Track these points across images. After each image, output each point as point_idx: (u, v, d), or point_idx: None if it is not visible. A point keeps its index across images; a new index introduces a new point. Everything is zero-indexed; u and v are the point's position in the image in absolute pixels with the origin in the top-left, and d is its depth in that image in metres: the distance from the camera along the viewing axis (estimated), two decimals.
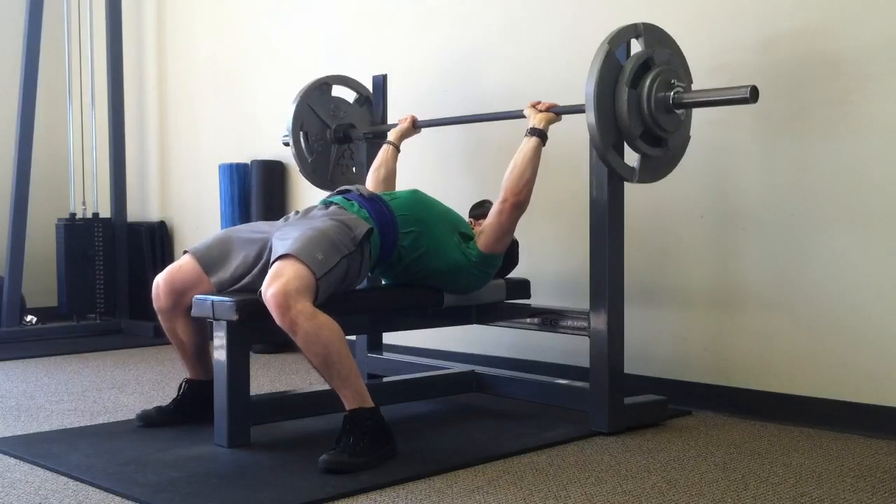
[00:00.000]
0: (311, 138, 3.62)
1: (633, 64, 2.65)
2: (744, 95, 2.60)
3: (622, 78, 2.63)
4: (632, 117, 2.64)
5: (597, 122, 2.60)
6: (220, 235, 2.90)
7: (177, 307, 2.84)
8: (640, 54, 2.68)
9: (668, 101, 2.68)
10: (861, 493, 2.26)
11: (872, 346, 2.86)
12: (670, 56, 2.74)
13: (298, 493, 2.24)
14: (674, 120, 2.73)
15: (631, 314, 3.02)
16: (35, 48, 5.20)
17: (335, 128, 3.67)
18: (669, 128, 2.72)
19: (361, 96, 3.78)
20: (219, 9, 5.19)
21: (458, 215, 3.05)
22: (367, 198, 2.88)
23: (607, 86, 2.62)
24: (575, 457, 2.59)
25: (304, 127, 3.61)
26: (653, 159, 2.77)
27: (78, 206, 5.52)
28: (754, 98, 2.60)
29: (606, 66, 2.61)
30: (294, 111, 3.59)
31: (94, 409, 3.26)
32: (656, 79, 2.67)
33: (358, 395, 2.51)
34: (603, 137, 2.62)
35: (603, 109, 2.62)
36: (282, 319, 2.44)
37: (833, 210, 2.93)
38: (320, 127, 3.66)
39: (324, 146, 3.67)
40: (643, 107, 2.66)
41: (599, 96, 2.61)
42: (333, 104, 3.70)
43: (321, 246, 2.58)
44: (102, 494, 2.26)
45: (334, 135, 3.66)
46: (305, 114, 3.62)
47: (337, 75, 3.78)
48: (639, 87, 2.66)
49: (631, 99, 2.64)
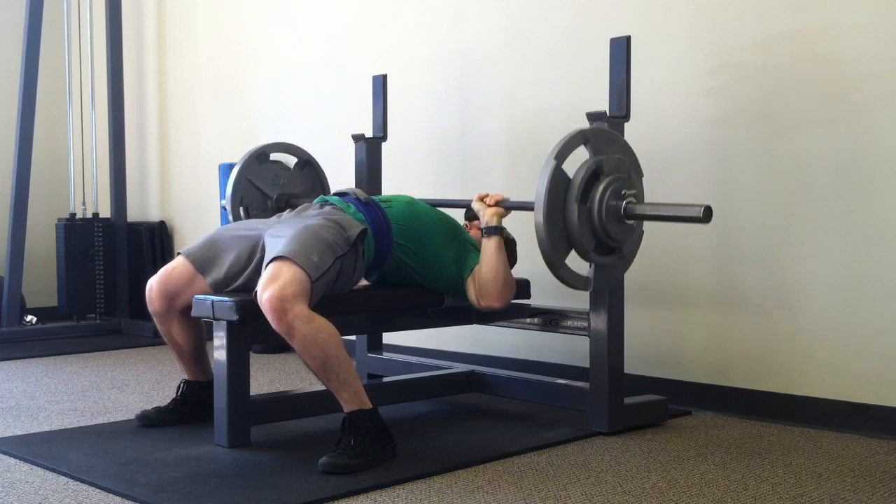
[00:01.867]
0: (252, 211, 3.54)
1: (582, 177, 2.55)
2: (697, 214, 2.46)
3: (571, 193, 2.54)
4: (583, 232, 2.56)
5: (548, 240, 2.52)
6: (212, 235, 2.90)
7: (171, 309, 2.84)
8: (589, 164, 2.57)
9: (619, 212, 2.58)
10: (861, 493, 2.26)
11: (872, 347, 2.86)
12: (619, 161, 2.63)
13: (298, 493, 2.24)
14: (625, 229, 2.63)
15: (631, 314, 3.02)
16: (35, 48, 5.19)
17: (276, 197, 3.59)
18: (621, 238, 2.63)
19: (301, 160, 3.70)
20: (219, 9, 5.19)
21: (452, 221, 3.04)
22: (364, 202, 2.88)
23: (557, 202, 2.53)
24: (575, 457, 2.59)
25: (244, 201, 3.52)
26: (606, 267, 2.68)
27: (78, 206, 5.52)
28: (707, 218, 2.45)
29: (555, 181, 2.52)
30: (232, 185, 3.50)
31: (94, 409, 3.26)
32: (607, 189, 2.56)
33: (356, 396, 2.50)
34: (556, 253, 2.54)
35: (554, 228, 2.53)
36: (278, 324, 2.43)
37: (833, 210, 2.93)
38: (260, 198, 3.58)
39: (266, 216, 3.52)
40: (594, 220, 2.57)
41: (549, 214, 2.51)
42: (273, 172, 3.61)
43: (316, 247, 2.58)
44: (102, 494, 2.26)
45: (275, 205, 3.56)
46: (244, 187, 3.52)
47: (274, 143, 3.68)
48: (589, 200, 2.56)
49: (581, 215, 2.55)
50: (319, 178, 3.73)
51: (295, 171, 3.69)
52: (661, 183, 3.27)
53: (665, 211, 2.63)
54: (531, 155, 3.52)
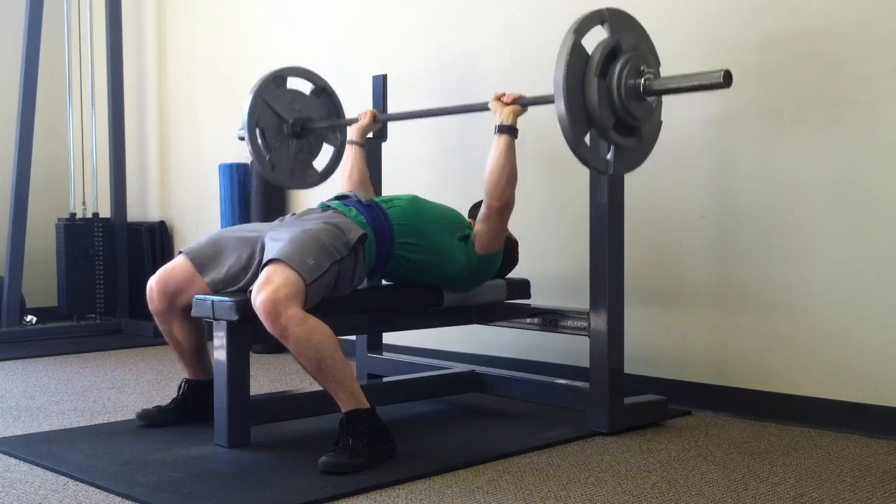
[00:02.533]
0: (267, 134, 3.49)
1: (601, 53, 2.53)
2: (717, 80, 2.47)
3: (590, 68, 2.52)
4: (602, 108, 2.53)
5: (568, 115, 2.48)
6: (214, 236, 2.90)
7: (171, 308, 2.84)
8: (607, 42, 2.56)
9: (638, 89, 2.56)
10: (861, 493, 2.26)
11: (872, 347, 2.86)
12: (637, 41, 2.63)
13: (298, 493, 2.24)
14: (645, 107, 2.62)
15: (631, 314, 3.02)
16: (35, 48, 5.19)
17: (292, 122, 3.53)
18: (641, 116, 2.62)
19: (318, 87, 3.67)
20: (219, 9, 5.19)
21: (456, 215, 3.04)
22: (365, 204, 2.88)
23: (576, 77, 2.50)
24: (575, 457, 2.59)
25: (259, 123, 3.46)
26: (626, 150, 2.67)
27: (78, 206, 5.52)
28: (728, 82, 2.46)
29: (573, 56, 2.49)
30: (248, 106, 3.44)
31: (94, 409, 3.26)
32: (625, 66, 2.55)
33: (353, 396, 2.50)
34: (574, 130, 2.51)
35: (573, 102, 2.50)
36: (272, 326, 2.43)
37: (833, 210, 2.93)
38: (277, 122, 3.51)
39: (281, 141, 3.54)
40: (614, 96, 2.55)
41: (569, 89, 2.48)
42: (289, 97, 3.55)
43: (312, 250, 2.57)
44: (102, 494, 2.26)
45: (291, 129, 3.52)
46: (261, 109, 3.46)
47: (291, 67, 3.66)
48: (608, 76, 2.54)
49: (601, 90, 2.52)
50: (335, 106, 3.70)
51: (311, 98, 3.66)
52: (661, 183, 3.28)
53: (685, 82, 2.59)
54: (531, 155, 3.51)
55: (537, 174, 3.58)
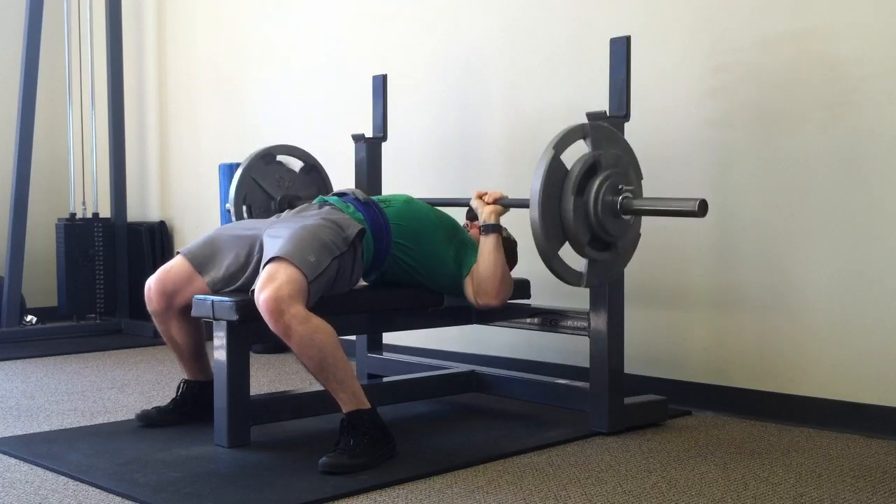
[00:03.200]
0: (254, 211, 3.52)
1: (580, 169, 2.54)
2: (692, 209, 2.47)
3: (568, 185, 2.53)
4: (578, 225, 2.54)
5: (542, 230, 2.50)
6: (211, 234, 2.90)
7: (170, 309, 2.84)
8: (587, 158, 2.56)
9: (615, 207, 2.58)
10: (861, 493, 2.26)
11: (872, 347, 2.86)
12: (618, 157, 2.62)
13: (298, 493, 2.24)
14: (621, 225, 2.62)
15: (631, 314, 3.02)
16: (35, 48, 5.19)
17: (280, 199, 3.56)
18: (617, 233, 2.62)
19: (307, 165, 3.69)
20: (219, 9, 5.19)
21: (451, 221, 3.03)
22: (363, 202, 2.88)
23: (553, 193, 2.52)
24: (575, 457, 2.59)
25: (247, 200, 3.50)
26: (601, 263, 2.67)
27: (78, 206, 5.52)
28: (702, 212, 2.46)
29: (552, 171, 2.50)
30: (237, 183, 3.48)
31: (94, 409, 3.26)
32: (604, 184, 2.55)
33: (354, 397, 2.50)
34: (549, 244, 2.53)
35: (548, 217, 2.51)
36: (275, 325, 2.43)
37: (833, 210, 2.93)
38: (264, 199, 3.55)
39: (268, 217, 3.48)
40: (590, 214, 2.56)
41: (544, 204, 2.50)
42: (278, 174, 3.60)
43: (313, 247, 2.57)
44: (102, 494, 2.26)
45: (279, 206, 3.53)
46: (248, 186, 3.50)
47: (281, 145, 3.68)
48: (585, 193, 2.55)
49: (577, 207, 2.53)
50: (324, 183, 3.72)
51: (300, 175, 3.68)
52: (661, 182, 3.27)
53: (661, 205, 2.62)
54: (531, 155, 3.50)
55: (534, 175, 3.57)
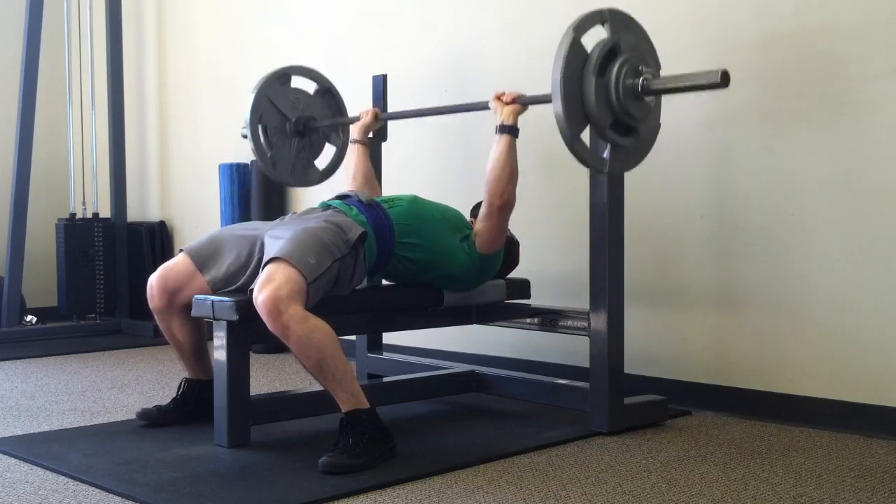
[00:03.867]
0: (269, 131, 3.48)
1: (599, 51, 2.52)
2: (714, 80, 2.47)
3: (588, 67, 2.51)
4: (600, 107, 2.52)
5: (564, 112, 2.48)
6: (214, 234, 2.91)
7: (171, 306, 2.84)
8: (606, 41, 2.55)
9: (636, 89, 2.56)
10: (861, 493, 2.26)
11: (872, 346, 2.86)
12: (637, 42, 2.62)
13: (298, 493, 2.24)
14: (643, 107, 2.61)
15: (631, 314, 3.02)
16: (35, 48, 5.20)
17: (295, 120, 3.53)
18: (639, 115, 2.61)
19: (322, 87, 3.67)
20: (219, 9, 5.19)
21: (456, 214, 3.04)
22: (366, 203, 2.88)
23: (574, 74, 2.50)
24: (575, 457, 2.59)
25: (262, 120, 3.46)
26: (623, 149, 2.66)
27: (78, 206, 5.52)
28: (725, 82, 2.46)
29: (572, 53, 2.48)
30: (252, 103, 3.44)
31: (94, 409, 3.26)
32: (623, 66, 2.55)
33: (353, 396, 2.50)
34: (571, 127, 2.50)
35: (570, 99, 2.49)
36: (273, 325, 2.43)
37: (833, 210, 2.93)
38: (280, 119, 3.51)
39: (283, 139, 3.53)
40: (611, 95, 2.54)
41: (566, 86, 2.48)
42: (293, 96, 3.55)
43: (313, 249, 2.57)
44: (102, 494, 2.26)
45: (294, 127, 3.52)
46: (264, 106, 3.46)
47: (296, 66, 3.67)
48: (606, 75, 2.54)
49: (599, 88, 2.52)
50: (339, 107, 3.70)
51: (315, 97, 3.66)
52: (661, 183, 3.28)
53: (683, 81, 2.59)
54: (531, 155, 3.51)
55: (538, 174, 3.58)
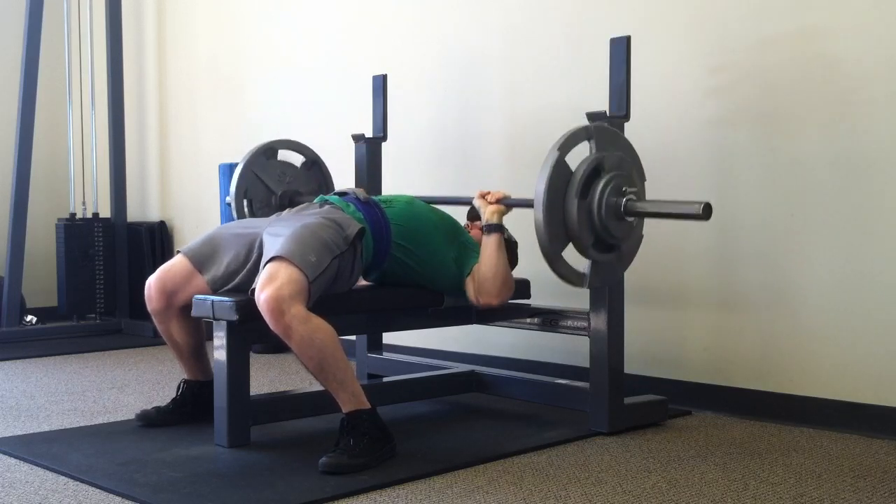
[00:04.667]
0: (255, 204, 3.51)
1: (584, 171, 2.55)
2: (696, 212, 2.47)
3: (572, 187, 2.54)
4: (582, 227, 2.56)
5: (546, 232, 2.51)
6: (211, 233, 2.90)
7: (170, 308, 2.84)
8: (591, 160, 2.57)
9: (619, 209, 2.58)
10: (861, 493, 2.26)
11: (872, 347, 2.86)
12: (621, 159, 2.63)
13: (298, 493, 2.24)
14: (625, 227, 2.63)
15: (631, 314, 3.02)
16: (35, 48, 5.19)
17: (280, 194, 3.56)
18: (620, 235, 2.63)
19: (308, 160, 3.70)
20: (219, 9, 5.19)
21: (452, 222, 3.03)
22: (363, 201, 2.88)
23: (557, 195, 2.53)
24: (575, 457, 2.59)
25: (248, 194, 3.50)
26: (604, 265, 2.68)
27: (78, 206, 5.52)
28: (707, 215, 2.47)
29: (556, 172, 2.52)
30: (238, 178, 3.49)
31: (94, 409, 3.26)
32: (607, 186, 2.56)
33: (354, 397, 2.50)
34: (553, 245, 2.54)
35: (552, 220, 2.53)
36: (275, 324, 2.43)
37: (833, 210, 2.93)
38: (265, 193, 3.55)
39: (268, 213, 3.51)
40: (594, 216, 2.57)
41: (549, 205, 2.51)
42: (280, 169, 3.60)
43: (314, 247, 2.57)
44: (102, 494, 2.26)
45: (279, 201, 3.53)
46: (250, 180, 3.51)
47: (282, 140, 3.69)
48: (589, 195, 2.56)
49: (581, 209, 2.54)
50: (325, 179, 3.72)
51: (301, 171, 3.68)
52: (661, 183, 3.27)
53: (664, 208, 2.62)
54: (531, 155, 3.51)
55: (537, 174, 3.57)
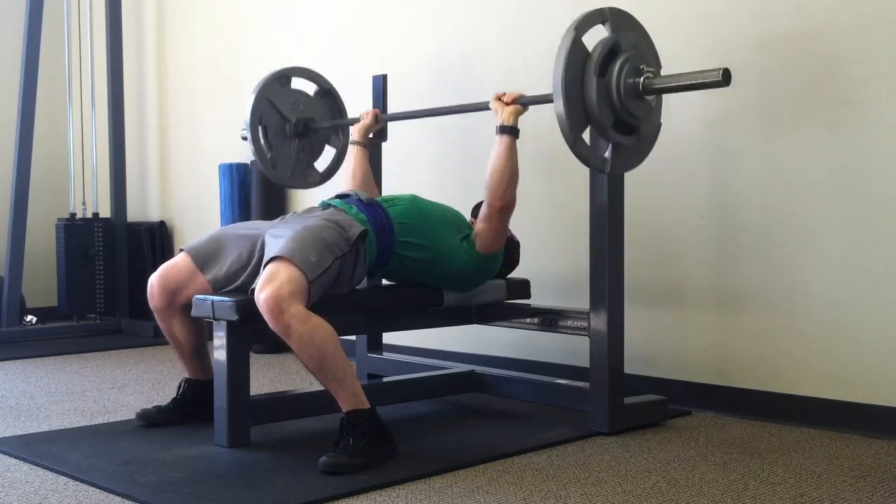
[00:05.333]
0: (269, 133, 3.48)
1: (600, 51, 2.53)
2: (716, 79, 2.48)
3: (589, 66, 2.51)
4: (602, 107, 2.53)
5: (566, 112, 2.48)
6: (215, 233, 2.91)
7: (172, 306, 2.84)
8: (607, 40, 2.56)
9: (637, 88, 2.56)
10: (861, 493, 2.26)
11: (872, 346, 2.86)
12: (637, 40, 2.63)
13: (298, 493, 2.24)
14: (644, 106, 2.62)
15: (631, 314, 3.02)
16: (35, 48, 5.20)
17: (295, 121, 3.53)
18: (640, 115, 2.61)
19: (322, 89, 3.67)
20: (219, 9, 5.19)
21: (457, 214, 3.05)
22: (366, 202, 2.88)
23: (575, 74, 2.50)
24: (575, 457, 2.59)
25: (262, 121, 3.46)
26: (624, 148, 2.66)
27: (78, 206, 5.52)
28: (727, 80, 2.47)
29: (573, 53, 2.49)
30: (252, 104, 3.44)
31: (94, 409, 3.26)
32: (625, 65, 2.55)
33: (354, 396, 2.50)
34: (573, 127, 2.51)
35: (572, 100, 2.50)
36: (275, 324, 2.43)
37: (833, 210, 2.93)
38: (279, 121, 3.51)
39: (283, 141, 3.53)
40: (613, 95, 2.55)
41: (568, 86, 2.48)
42: (293, 97, 3.56)
43: (314, 247, 2.57)
44: (102, 494, 2.26)
45: (294, 129, 3.52)
46: (264, 107, 3.47)
47: (296, 67, 3.67)
48: (607, 74, 2.54)
49: (600, 88, 2.52)
50: (339, 108, 3.70)
51: (315, 99, 3.66)
52: (661, 183, 3.28)
53: (684, 80, 2.59)
54: (531, 154, 3.51)
55: (537, 174, 3.58)
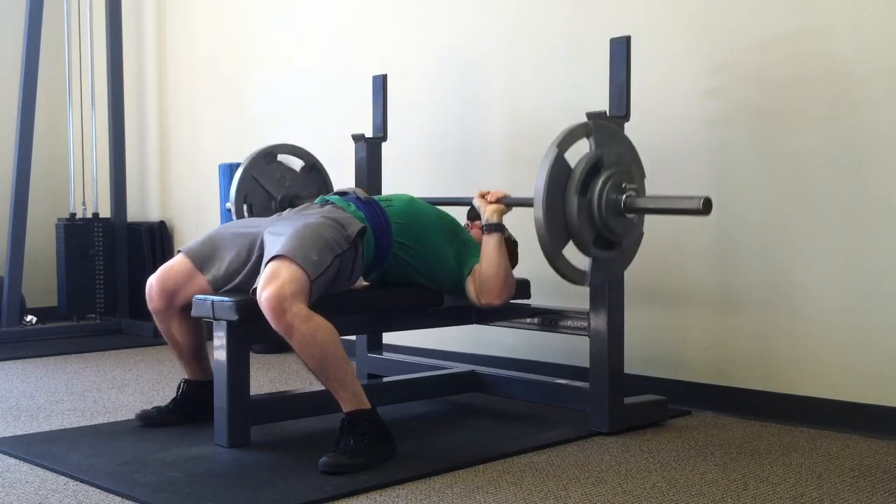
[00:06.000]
0: (255, 209, 3.53)
1: (583, 168, 2.53)
2: (696, 207, 2.45)
3: (571, 184, 2.52)
4: (582, 224, 2.54)
5: (546, 229, 2.50)
6: (212, 233, 2.90)
7: (170, 307, 2.84)
8: (590, 157, 2.55)
9: (619, 206, 2.57)
10: (861, 493, 2.26)
11: (872, 346, 2.86)
12: (620, 155, 2.62)
13: (298, 493, 2.24)
14: (625, 223, 2.62)
15: (631, 314, 3.02)
16: (35, 48, 5.19)
17: (280, 198, 3.57)
18: (621, 231, 2.62)
19: (308, 164, 3.71)
20: (219, 9, 5.19)
21: (452, 220, 3.04)
22: (364, 201, 2.88)
23: (557, 192, 2.51)
24: (575, 457, 2.59)
25: (248, 199, 3.51)
26: (605, 262, 2.66)
27: (78, 206, 5.52)
28: (707, 209, 2.45)
29: (555, 170, 2.50)
30: (238, 182, 3.50)
31: (94, 409, 3.26)
32: (607, 182, 2.55)
33: (355, 396, 2.50)
34: (554, 243, 2.53)
35: (552, 217, 2.51)
36: (277, 323, 2.43)
37: (833, 210, 2.93)
38: (265, 197, 3.56)
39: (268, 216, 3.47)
40: (594, 213, 2.55)
41: (548, 204, 2.49)
42: (279, 172, 3.61)
43: (315, 246, 2.58)
44: (102, 494, 2.26)
45: (279, 205, 3.54)
46: (249, 185, 3.52)
47: (282, 144, 3.69)
48: (589, 192, 2.55)
49: (581, 206, 2.53)
50: (325, 183, 3.73)
51: (301, 174, 3.69)
52: (661, 182, 3.27)
53: (664, 203, 2.61)
54: (531, 154, 3.51)
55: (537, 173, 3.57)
